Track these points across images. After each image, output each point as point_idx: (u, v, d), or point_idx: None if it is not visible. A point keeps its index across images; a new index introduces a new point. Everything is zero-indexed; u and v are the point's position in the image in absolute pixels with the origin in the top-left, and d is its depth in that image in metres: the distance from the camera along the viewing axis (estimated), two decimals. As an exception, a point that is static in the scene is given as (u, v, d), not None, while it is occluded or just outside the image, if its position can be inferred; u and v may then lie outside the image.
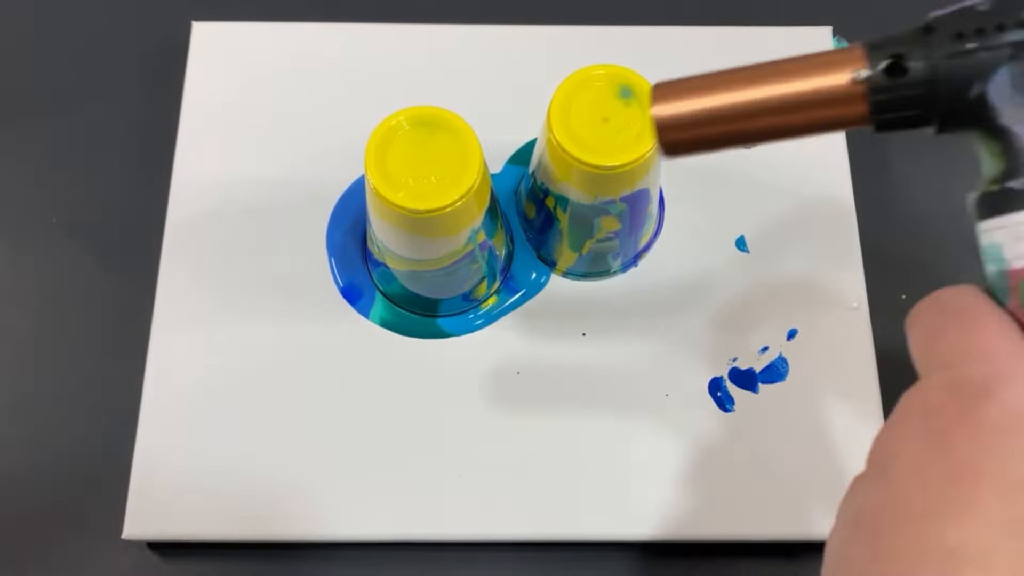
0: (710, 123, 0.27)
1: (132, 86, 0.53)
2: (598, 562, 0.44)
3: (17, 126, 0.53)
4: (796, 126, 0.26)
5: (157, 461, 0.44)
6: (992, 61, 0.24)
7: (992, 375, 0.24)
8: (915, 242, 0.51)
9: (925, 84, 0.25)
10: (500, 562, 0.44)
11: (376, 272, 0.47)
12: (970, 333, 0.25)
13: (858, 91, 0.25)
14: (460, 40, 0.52)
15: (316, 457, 0.44)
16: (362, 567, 0.44)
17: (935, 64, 0.25)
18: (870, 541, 0.24)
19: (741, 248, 0.48)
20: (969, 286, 0.26)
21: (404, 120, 0.40)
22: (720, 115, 0.27)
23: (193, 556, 0.45)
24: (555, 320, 0.47)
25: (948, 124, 0.25)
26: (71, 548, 0.45)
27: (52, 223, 0.50)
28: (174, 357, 0.46)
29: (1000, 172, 0.25)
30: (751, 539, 0.43)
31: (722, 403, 0.45)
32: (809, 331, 0.47)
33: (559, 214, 0.44)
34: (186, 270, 0.47)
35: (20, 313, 0.49)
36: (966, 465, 0.23)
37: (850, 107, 0.26)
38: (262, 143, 0.50)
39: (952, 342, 0.25)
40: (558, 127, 0.40)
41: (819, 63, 0.26)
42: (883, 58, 0.25)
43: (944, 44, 0.25)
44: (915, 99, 0.25)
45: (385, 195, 0.39)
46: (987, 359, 0.24)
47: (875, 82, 0.25)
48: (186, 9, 0.53)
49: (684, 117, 0.27)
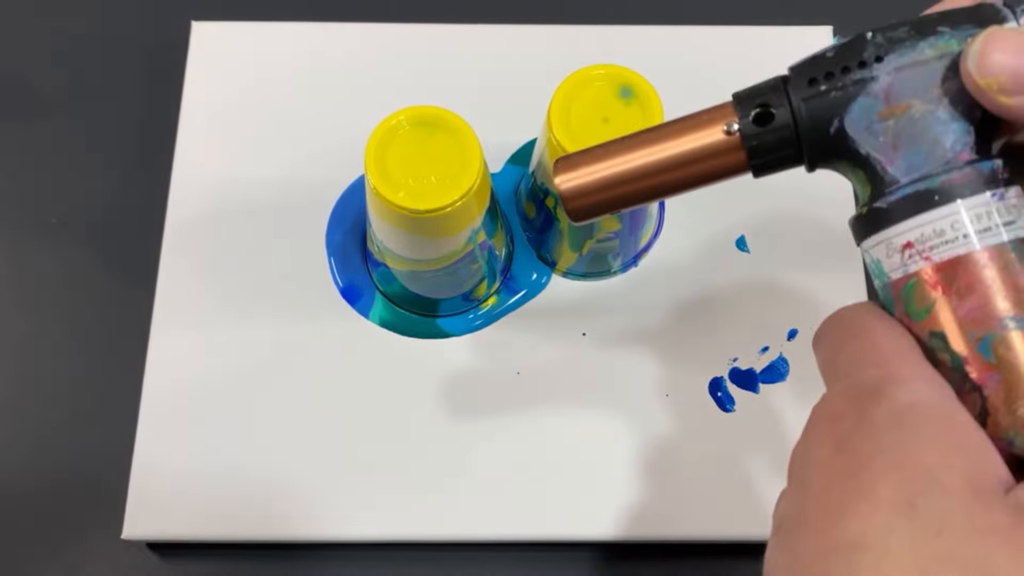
0: (609, 187, 0.30)
1: (132, 86, 0.53)
2: (598, 562, 0.44)
3: (17, 126, 0.53)
4: (687, 180, 0.30)
5: (157, 461, 0.44)
6: (844, 99, 0.27)
7: (883, 377, 0.26)
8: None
9: (790, 126, 0.28)
10: (500, 562, 0.44)
11: (376, 272, 0.47)
12: (863, 343, 0.27)
13: (733, 141, 0.28)
14: (460, 40, 0.52)
15: (316, 457, 0.44)
16: (361, 567, 0.44)
17: (795, 107, 0.28)
18: (789, 545, 0.26)
19: (741, 248, 0.48)
20: (863, 302, 0.29)
21: (404, 120, 0.40)
22: (617, 179, 0.30)
23: (193, 556, 0.45)
24: (555, 320, 0.47)
25: (817, 159, 0.28)
26: (71, 548, 0.45)
27: (52, 223, 0.50)
28: (174, 357, 0.46)
29: (868, 195, 0.28)
30: (751, 539, 0.43)
31: (722, 403, 0.45)
32: (809, 331, 0.46)
33: (559, 214, 0.44)
34: (186, 270, 0.47)
35: (20, 313, 0.49)
36: (862, 461, 0.25)
37: (729, 156, 0.29)
38: (262, 143, 0.50)
39: (848, 353, 0.28)
40: (558, 127, 0.40)
41: (696, 121, 0.29)
42: (750, 108, 0.28)
43: (800, 90, 0.27)
44: (784, 140, 0.28)
45: (385, 195, 0.39)
46: (878, 364, 0.26)
47: (746, 130, 0.28)
48: (186, 9, 0.53)
49: (586, 186, 0.30)
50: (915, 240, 0.26)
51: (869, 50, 0.27)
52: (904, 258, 0.27)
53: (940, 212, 0.26)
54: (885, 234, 0.27)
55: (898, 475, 0.24)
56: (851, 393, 0.26)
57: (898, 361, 0.26)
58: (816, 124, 0.27)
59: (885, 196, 0.27)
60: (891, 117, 0.26)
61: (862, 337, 0.27)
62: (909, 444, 0.24)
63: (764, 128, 0.28)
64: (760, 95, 0.28)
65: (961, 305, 0.26)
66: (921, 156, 0.26)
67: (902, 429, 0.25)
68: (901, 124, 0.26)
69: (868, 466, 0.25)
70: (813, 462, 0.26)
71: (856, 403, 0.26)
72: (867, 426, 0.25)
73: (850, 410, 0.26)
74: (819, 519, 0.25)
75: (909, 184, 0.26)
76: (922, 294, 0.27)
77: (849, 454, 0.25)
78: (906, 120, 0.26)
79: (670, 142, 0.29)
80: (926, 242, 0.26)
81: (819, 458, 0.26)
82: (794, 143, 0.28)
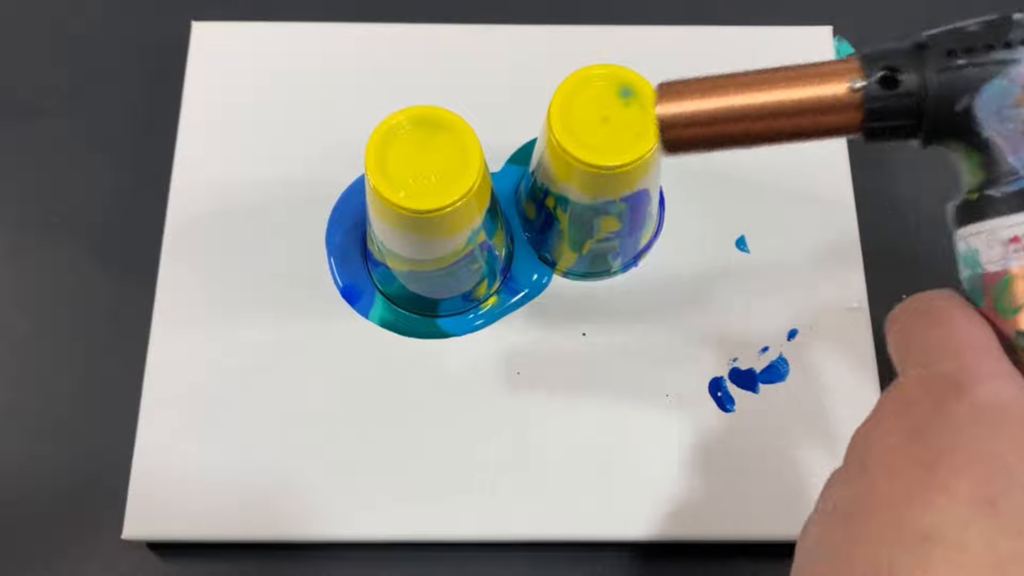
0: (711, 123, 0.28)
1: (132, 86, 0.53)
2: (598, 562, 0.44)
3: (17, 126, 0.53)
4: (793, 130, 0.28)
5: (157, 461, 0.44)
6: (979, 77, 0.26)
7: (963, 371, 0.26)
8: (915, 242, 0.51)
9: (916, 95, 0.26)
10: (500, 562, 0.44)
11: (376, 272, 0.47)
12: (943, 333, 0.27)
13: (854, 99, 0.27)
14: (460, 40, 0.52)
15: (316, 457, 0.44)
16: (361, 567, 0.44)
17: (927, 77, 0.26)
18: (846, 527, 0.25)
19: (741, 248, 0.48)
20: (945, 290, 0.28)
21: (404, 120, 0.40)
22: (721, 116, 0.28)
23: (193, 556, 0.45)
24: (555, 320, 0.47)
25: (935, 135, 0.27)
26: (71, 548, 0.45)
27: (52, 223, 0.50)
28: (174, 357, 0.46)
29: (980, 182, 0.27)
30: (751, 539, 0.43)
31: (722, 403, 0.45)
32: (809, 331, 0.47)
33: (559, 214, 0.44)
34: (186, 270, 0.47)
35: (20, 313, 0.49)
36: (939, 453, 0.25)
37: (845, 114, 0.27)
38: (262, 143, 0.50)
39: (926, 341, 0.27)
40: (558, 127, 0.40)
41: (818, 71, 0.27)
42: (878, 69, 0.27)
43: (936, 60, 0.26)
44: (906, 109, 0.27)
45: (385, 195, 0.39)
46: (958, 357, 0.26)
47: (870, 91, 0.27)
48: (186, 9, 0.53)
49: (686, 116, 0.28)
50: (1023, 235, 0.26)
51: (1016, 32, 0.26)
52: (1008, 251, 0.26)
53: None
54: (992, 224, 0.26)
55: (978, 472, 0.24)
56: (929, 384, 0.26)
57: (980, 356, 0.26)
58: (945, 98, 0.26)
59: (1000, 185, 0.26)
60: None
61: (942, 326, 0.27)
62: (990, 442, 0.24)
63: (889, 92, 0.27)
64: (892, 57, 0.27)
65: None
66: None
67: (983, 426, 0.24)
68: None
69: (946, 459, 0.24)
70: (881, 448, 0.26)
71: (934, 394, 0.26)
72: (945, 419, 0.25)
73: (926, 401, 0.26)
74: (886, 506, 0.25)
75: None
76: (1017, 292, 0.26)
77: (924, 445, 0.25)
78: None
79: (787, 87, 0.28)
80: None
81: (889, 445, 0.26)
82: (916, 114, 0.27)
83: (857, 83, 0.27)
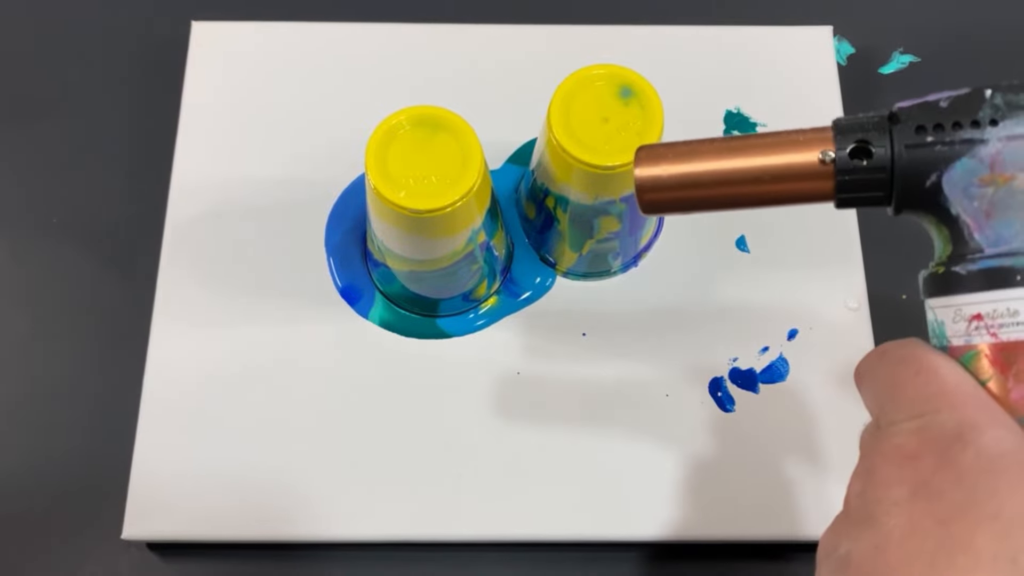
0: (687, 187, 0.29)
1: (132, 86, 0.53)
2: (598, 562, 0.44)
3: (17, 126, 0.53)
4: (767, 196, 0.29)
5: (157, 461, 0.44)
6: (948, 156, 0.26)
7: (962, 421, 0.25)
8: (915, 242, 0.50)
9: (887, 169, 0.27)
10: (499, 562, 0.44)
11: (376, 272, 0.47)
12: (928, 380, 0.27)
13: (826, 170, 0.27)
14: (460, 40, 0.52)
15: (316, 457, 0.44)
16: (361, 567, 0.44)
17: (896, 152, 0.27)
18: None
19: (741, 248, 0.48)
20: (914, 339, 0.28)
21: (405, 120, 0.40)
22: (696, 181, 0.29)
23: (192, 556, 0.45)
24: (555, 320, 0.47)
25: (905, 206, 0.27)
26: (71, 548, 0.45)
27: (52, 223, 0.50)
28: (174, 357, 0.46)
29: (947, 255, 0.27)
30: (750, 539, 0.43)
31: (722, 403, 0.45)
32: (809, 331, 0.47)
33: (559, 214, 0.44)
34: (186, 270, 0.47)
35: (20, 313, 0.49)
36: (956, 509, 0.24)
37: (817, 183, 0.28)
38: (261, 143, 0.50)
39: (914, 391, 0.27)
40: (558, 127, 0.40)
41: (792, 140, 0.28)
42: (850, 141, 0.27)
43: (906, 135, 0.27)
44: (877, 182, 0.27)
45: (385, 195, 0.39)
46: (955, 407, 0.26)
47: (841, 163, 0.27)
48: (186, 9, 0.53)
49: (663, 180, 0.29)
50: (986, 314, 0.26)
51: (986, 110, 0.26)
52: (970, 328, 0.26)
53: (1019, 292, 0.25)
54: (956, 300, 0.26)
55: (996, 527, 0.24)
56: (928, 435, 0.26)
57: (975, 404, 0.26)
58: (914, 174, 0.27)
59: (965, 262, 0.26)
60: (991, 185, 0.26)
61: (927, 374, 0.27)
62: (1003, 495, 0.24)
63: (860, 165, 0.27)
64: (863, 130, 0.27)
65: (1017, 388, 0.26)
66: (1012, 230, 0.26)
67: (993, 477, 0.24)
68: (1000, 194, 0.26)
69: (961, 515, 0.24)
70: (886, 502, 0.26)
71: (936, 446, 0.25)
72: (953, 472, 0.25)
73: (929, 453, 0.25)
74: (904, 566, 0.24)
75: (993, 256, 0.26)
76: (979, 367, 0.26)
77: (935, 500, 0.25)
78: (1006, 191, 0.26)
79: (760, 154, 0.28)
80: (997, 319, 0.26)
81: (894, 499, 0.26)
82: (886, 186, 0.27)
83: (829, 154, 0.27)
